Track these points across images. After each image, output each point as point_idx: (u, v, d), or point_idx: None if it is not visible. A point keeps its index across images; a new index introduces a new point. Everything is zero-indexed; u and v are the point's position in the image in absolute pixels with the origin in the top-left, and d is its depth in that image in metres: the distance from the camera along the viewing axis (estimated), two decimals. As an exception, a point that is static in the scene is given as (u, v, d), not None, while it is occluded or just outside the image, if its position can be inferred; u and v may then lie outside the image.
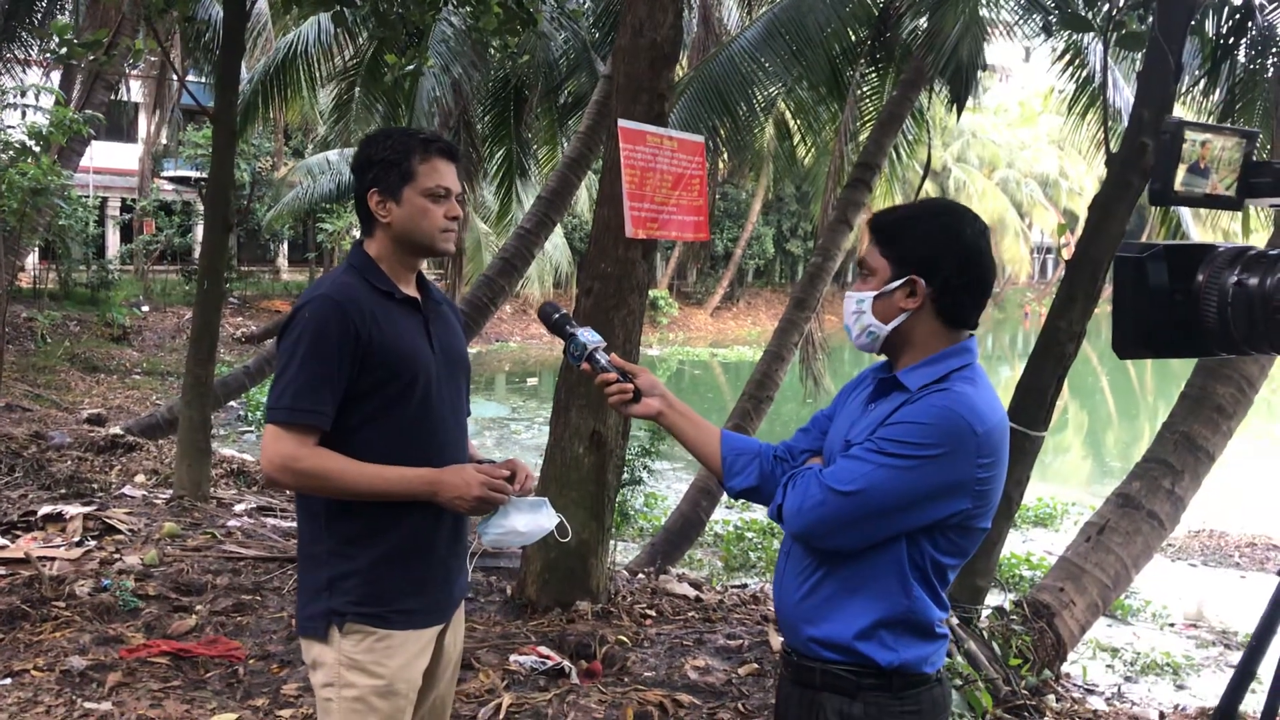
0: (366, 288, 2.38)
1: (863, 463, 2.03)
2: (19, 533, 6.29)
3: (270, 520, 7.36)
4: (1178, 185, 1.25)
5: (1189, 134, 1.24)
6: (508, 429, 18.87)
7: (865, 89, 11.27)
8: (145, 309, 25.69)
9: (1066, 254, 5.75)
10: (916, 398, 2.06)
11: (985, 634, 5.19)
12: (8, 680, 4.28)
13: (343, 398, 2.31)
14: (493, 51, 12.30)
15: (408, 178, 2.39)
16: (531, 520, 2.41)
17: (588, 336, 2.34)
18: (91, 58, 8.27)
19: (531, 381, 26.65)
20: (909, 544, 2.06)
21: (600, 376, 2.31)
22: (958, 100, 10.19)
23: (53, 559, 5.72)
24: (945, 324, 2.12)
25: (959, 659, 4.65)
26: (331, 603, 2.34)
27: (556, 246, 29.35)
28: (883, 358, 2.23)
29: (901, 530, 2.05)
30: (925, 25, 9.36)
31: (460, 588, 2.56)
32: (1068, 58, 10.13)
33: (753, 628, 5.47)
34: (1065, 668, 6.06)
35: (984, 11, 9.42)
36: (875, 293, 2.13)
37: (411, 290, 2.48)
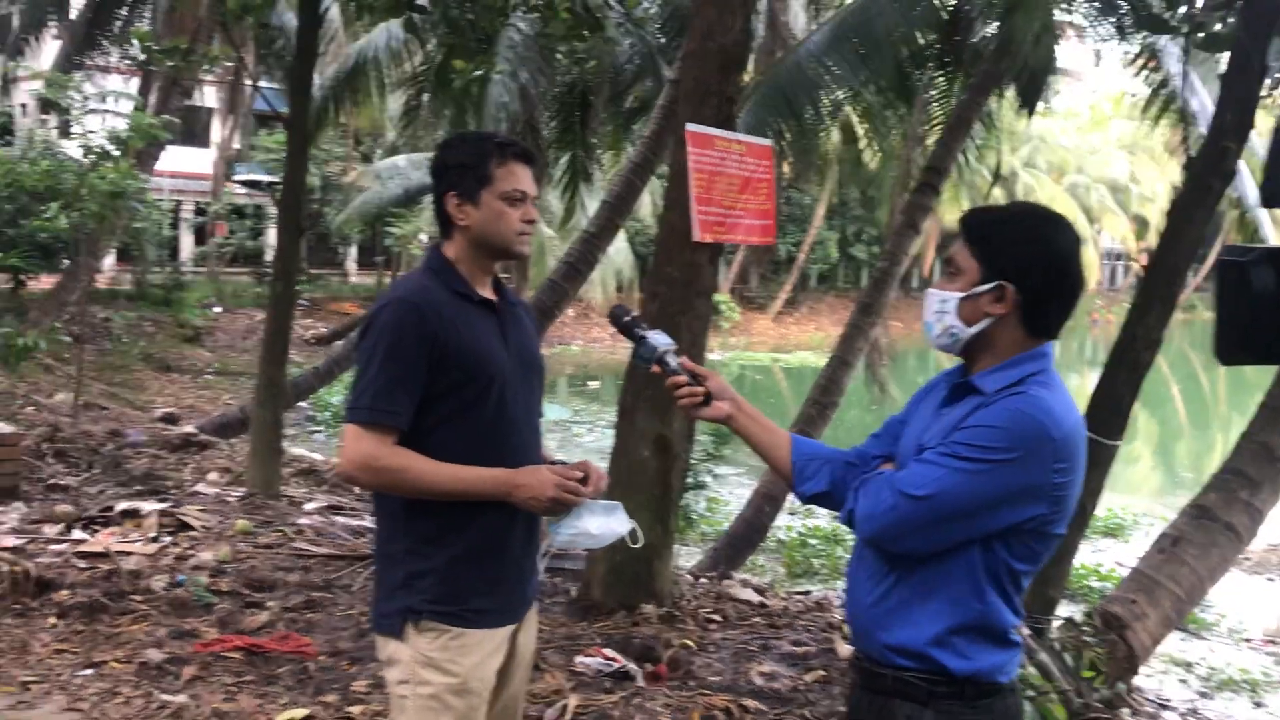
0: (444, 290, 2.41)
1: (936, 466, 2.02)
2: (97, 527, 6.45)
3: (340, 519, 7.47)
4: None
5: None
6: (570, 431, 18.94)
7: (933, 93, 11.16)
8: (217, 310, 26.20)
9: (1142, 261, 5.65)
10: (991, 401, 2.04)
11: (1057, 645, 5.10)
12: (89, 671, 4.40)
13: (420, 398, 2.34)
14: (559, 57, 12.38)
15: (485, 181, 2.41)
16: (604, 523, 2.41)
17: (658, 339, 2.34)
18: (171, 64, 8.46)
19: (593, 384, 26.72)
20: (983, 549, 2.04)
21: (671, 379, 2.31)
22: (1029, 105, 10.07)
23: (130, 554, 5.86)
24: (1028, 332, 2.10)
25: (1031, 670, 4.58)
26: (408, 600, 2.37)
27: (619, 250, 29.41)
28: (957, 361, 2.21)
29: (975, 535, 2.03)
30: (996, 30, 9.25)
31: (533, 588, 2.58)
32: (1141, 60, 9.95)
33: (818, 634, 5.45)
34: (1137, 681, 5.94)
35: (1057, 15, 9.29)
36: (962, 294, 2.10)
37: (488, 292, 2.50)
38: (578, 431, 19.12)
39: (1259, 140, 7.72)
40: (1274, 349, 1.17)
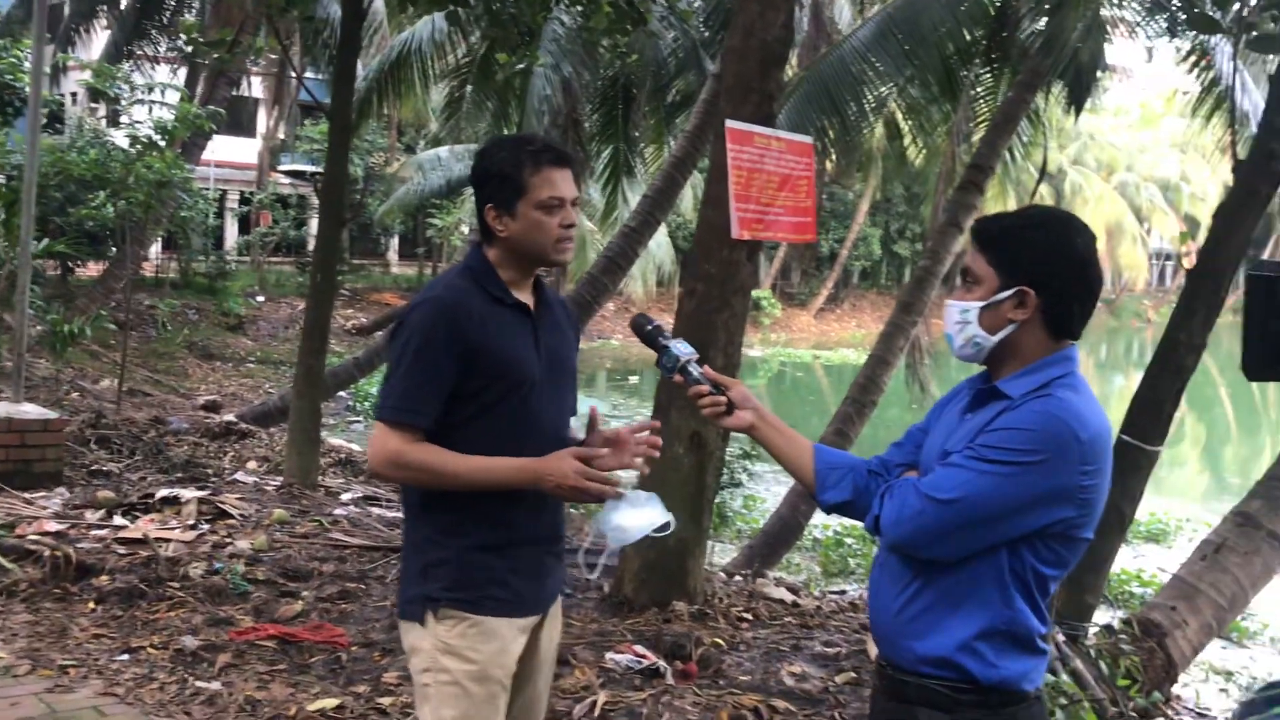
0: (478, 291, 2.42)
1: (963, 470, 2.00)
2: (138, 514, 6.53)
3: (376, 510, 7.52)
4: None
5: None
6: (607, 425, 18.94)
7: (979, 89, 11.06)
8: (260, 299, 26.49)
9: (1188, 263, 5.55)
10: (1018, 404, 2.03)
11: (1092, 652, 5.04)
12: (125, 656, 4.45)
13: (448, 397, 2.36)
14: (602, 50, 12.38)
15: (521, 192, 2.40)
16: (639, 515, 2.37)
17: (680, 349, 2.34)
18: (216, 56, 8.55)
19: (633, 380, 26.77)
20: (1010, 553, 2.02)
21: (693, 389, 2.31)
22: (1076, 102, 9.95)
23: (169, 540, 5.92)
24: (1051, 335, 2.09)
25: (1065, 678, 4.52)
26: (426, 588, 2.40)
27: (660, 245, 29.41)
28: (981, 368, 2.19)
29: (1003, 539, 2.01)
30: (1044, 26, 9.13)
31: (555, 583, 2.59)
32: (1193, 59, 9.78)
33: (850, 635, 5.41)
34: (1176, 690, 5.86)
35: (1106, 11, 9.15)
36: (983, 303, 2.08)
37: (525, 296, 2.50)
38: (616, 426, 19.15)
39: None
40: (1303, 367, 1.14)
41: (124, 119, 12.22)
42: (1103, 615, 6.86)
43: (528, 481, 2.35)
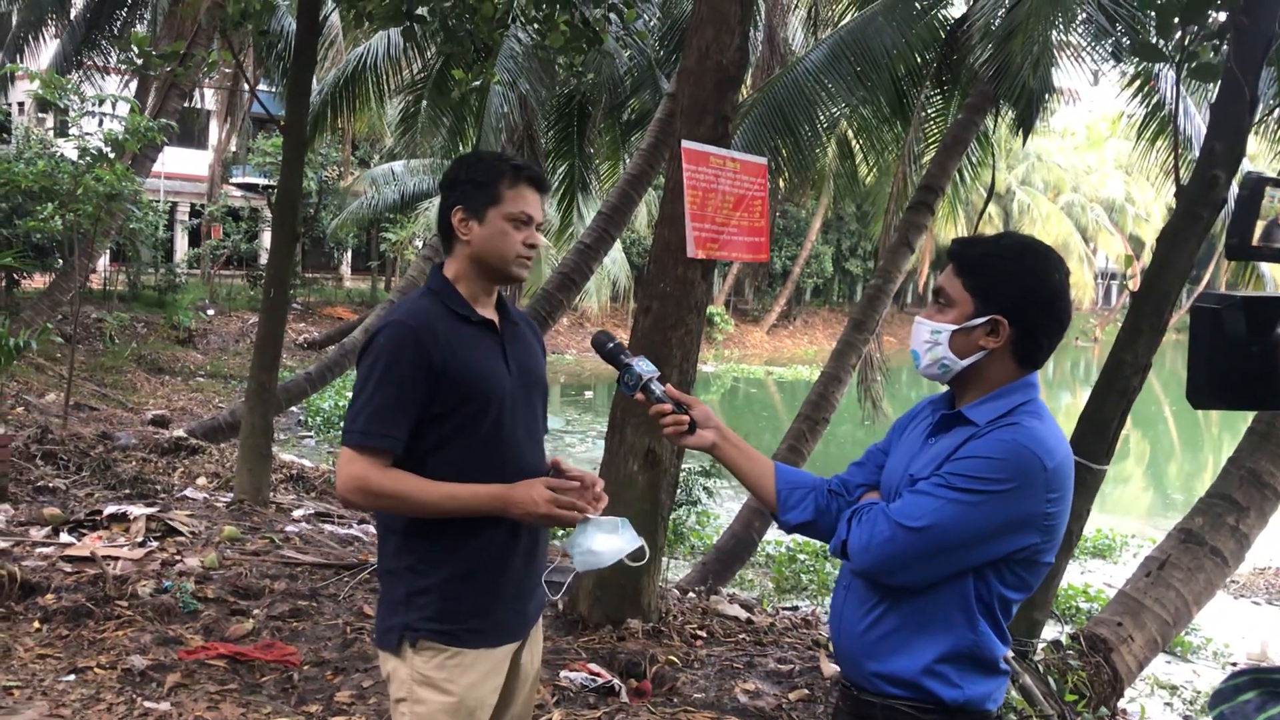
0: (443, 311, 2.41)
1: (932, 498, 2.02)
2: (85, 531, 6.43)
3: (328, 526, 7.45)
4: (1255, 240, 1.25)
5: (1269, 190, 1.24)
6: (562, 441, 18.94)
7: (930, 111, 11.20)
8: (211, 313, 26.16)
9: (1133, 285, 5.66)
10: (984, 432, 2.05)
11: (1041, 668, 5.11)
12: (72, 676, 4.38)
13: (416, 420, 2.34)
14: (559, 68, 12.41)
15: (493, 200, 2.43)
16: (609, 541, 2.35)
17: (642, 367, 2.33)
18: (168, 69, 8.47)
19: (587, 395, 26.73)
20: (976, 579, 2.05)
21: (655, 407, 2.30)
22: (1024, 125, 10.11)
23: (117, 558, 5.84)
24: (1017, 363, 2.11)
25: (1014, 693, 4.58)
26: (407, 618, 2.37)
27: (615, 261, 29.45)
28: (942, 389, 2.22)
29: (969, 565, 2.03)
30: (993, 51, 9.28)
31: (536, 605, 2.57)
32: (1138, 83, 9.99)
33: (804, 652, 5.44)
34: (1122, 704, 5.95)
35: (1054, 35, 9.32)
36: (955, 327, 2.10)
37: (489, 312, 2.50)
38: (570, 442, 19.11)
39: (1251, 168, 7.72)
40: (1244, 396, 1.18)
41: (73, 130, 12.04)
42: (1051, 631, 6.95)
43: (496, 509, 2.33)
